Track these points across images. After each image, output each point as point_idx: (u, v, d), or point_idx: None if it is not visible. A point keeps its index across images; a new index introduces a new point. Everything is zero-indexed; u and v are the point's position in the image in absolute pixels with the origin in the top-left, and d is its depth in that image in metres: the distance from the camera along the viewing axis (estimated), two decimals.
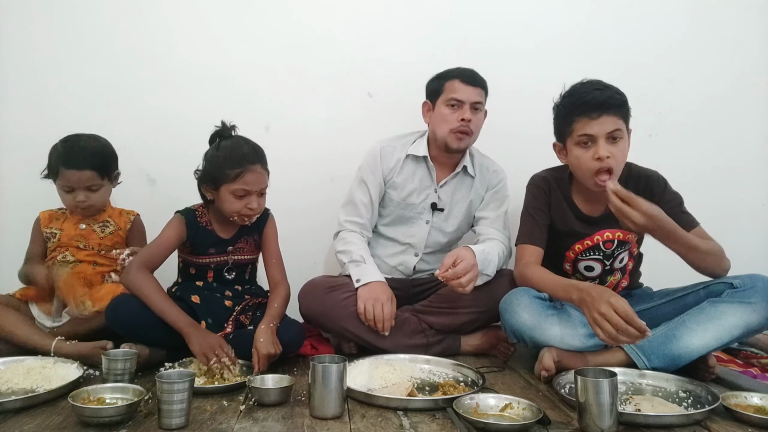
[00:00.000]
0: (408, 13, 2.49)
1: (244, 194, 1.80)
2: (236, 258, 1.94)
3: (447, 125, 2.01)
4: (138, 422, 1.28)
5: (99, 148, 1.98)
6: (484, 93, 2.05)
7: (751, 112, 2.62)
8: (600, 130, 1.67)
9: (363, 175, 2.11)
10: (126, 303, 1.70)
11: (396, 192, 2.11)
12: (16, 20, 2.34)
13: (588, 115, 1.67)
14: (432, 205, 2.11)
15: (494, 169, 2.17)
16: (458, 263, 1.73)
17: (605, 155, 1.66)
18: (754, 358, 1.92)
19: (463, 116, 1.98)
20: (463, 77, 2.02)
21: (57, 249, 1.99)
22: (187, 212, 1.91)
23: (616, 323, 1.43)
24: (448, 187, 2.12)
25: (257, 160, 1.82)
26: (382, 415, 1.36)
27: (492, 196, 2.14)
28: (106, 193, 2.03)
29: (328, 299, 1.90)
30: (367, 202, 2.09)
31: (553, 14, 2.55)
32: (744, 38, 2.60)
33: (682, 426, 1.30)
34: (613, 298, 1.45)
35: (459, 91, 2.00)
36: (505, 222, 2.11)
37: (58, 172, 1.92)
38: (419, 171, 2.11)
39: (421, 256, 2.14)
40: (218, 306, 1.84)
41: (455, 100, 2.00)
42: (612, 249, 1.84)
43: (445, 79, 2.04)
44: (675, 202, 1.78)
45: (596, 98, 1.67)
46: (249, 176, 1.79)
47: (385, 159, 2.10)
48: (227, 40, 2.43)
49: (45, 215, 2.04)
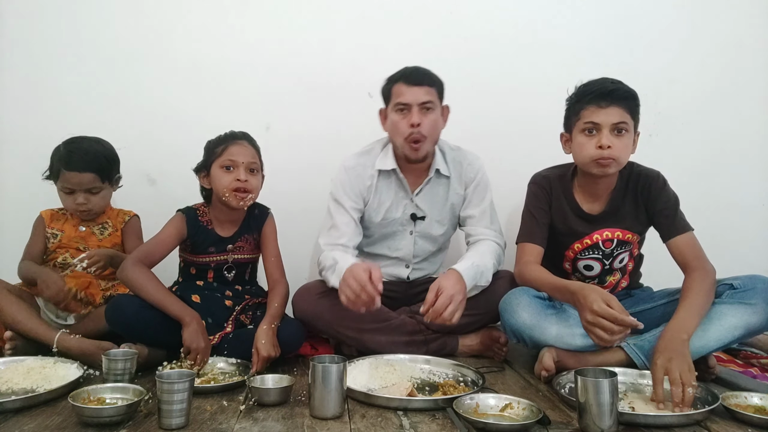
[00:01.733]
0: (408, 13, 2.49)
1: (231, 165, 1.84)
2: (236, 257, 1.95)
3: (399, 134, 1.91)
4: (138, 422, 1.28)
5: (101, 152, 1.97)
6: (435, 90, 1.92)
7: (750, 112, 2.62)
8: (606, 120, 1.69)
9: (338, 197, 2.00)
10: (126, 302, 1.71)
11: (375, 213, 2.02)
12: (15, 20, 2.34)
13: (596, 103, 1.70)
14: (411, 216, 2.04)
15: (469, 162, 2.06)
16: (439, 295, 1.65)
17: (607, 144, 1.68)
18: (754, 358, 1.92)
19: (412, 121, 1.87)
20: (407, 78, 1.90)
21: (57, 250, 1.99)
22: (188, 210, 1.93)
23: (605, 327, 1.43)
24: (424, 193, 2.03)
25: (243, 137, 1.90)
26: (382, 415, 1.36)
27: (473, 192, 2.05)
28: (106, 197, 2.03)
29: (320, 304, 1.86)
30: (349, 221, 1.98)
31: (554, 14, 2.55)
32: (744, 38, 2.60)
33: (682, 426, 1.30)
34: (595, 304, 1.44)
35: (404, 94, 1.89)
36: (492, 213, 2.05)
37: (59, 173, 1.92)
38: (392, 184, 2.03)
39: (412, 267, 2.10)
40: (218, 305, 1.84)
41: (402, 104, 1.89)
42: (611, 248, 1.84)
43: (391, 83, 1.94)
44: (670, 203, 1.78)
45: (607, 88, 1.70)
46: (234, 147, 1.86)
47: (358, 179, 2.00)
48: (227, 41, 2.43)
49: (48, 214, 2.04)
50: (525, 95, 2.49)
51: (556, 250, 1.89)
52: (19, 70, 2.35)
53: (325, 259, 1.91)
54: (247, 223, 1.98)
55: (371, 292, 1.60)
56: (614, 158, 1.69)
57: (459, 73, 2.52)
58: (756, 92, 2.62)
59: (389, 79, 1.96)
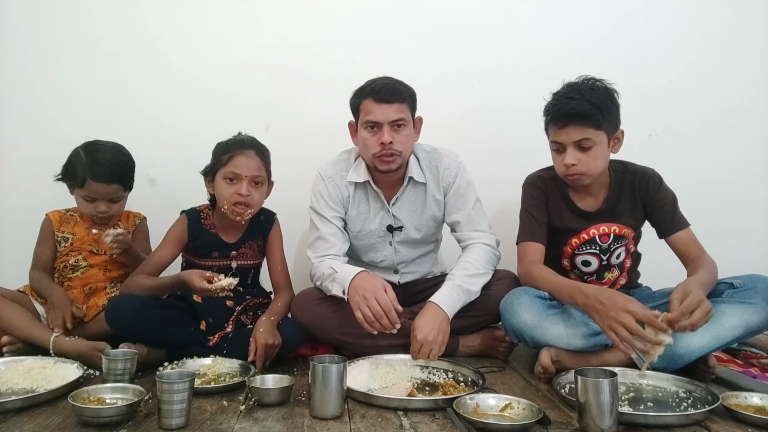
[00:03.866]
0: (408, 12, 2.50)
1: (234, 178, 1.80)
2: (240, 263, 1.94)
3: (369, 150, 1.85)
4: (138, 422, 1.28)
5: (125, 162, 1.96)
6: (406, 106, 1.84)
7: (750, 112, 2.62)
8: (567, 139, 1.73)
9: (319, 209, 1.96)
10: (125, 302, 1.70)
11: (353, 223, 1.99)
12: (16, 20, 2.34)
13: (556, 124, 1.75)
14: (388, 227, 2.00)
15: (446, 166, 1.97)
16: (418, 349, 1.66)
17: (571, 163, 1.73)
18: (754, 358, 1.92)
19: (383, 140, 1.80)
20: (376, 95, 1.80)
21: (69, 253, 1.98)
22: (191, 213, 1.91)
23: (633, 329, 1.41)
24: (401, 202, 1.99)
25: (251, 147, 1.83)
26: (382, 415, 1.36)
27: (454, 198, 1.97)
28: (124, 203, 2.03)
29: (319, 310, 1.85)
30: (335, 231, 1.94)
31: (554, 14, 2.55)
32: (744, 38, 2.61)
33: (682, 426, 1.30)
34: (630, 305, 1.44)
35: (373, 112, 1.81)
36: (478, 214, 1.98)
37: (83, 182, 1.88)
38: (368, 195, 1.98)
39: (401, 272, 2.09)
40: (219, 306, 1.84)
41: (371, 122, 1.82)
42: (608, 243, 1.85)
43: (359, 98, 1.86)
44: (669, 200, 1.81)
45: (562, 108, 1.72)
46: (239, 158, 1.80)
47: (336, 189, 1.96)
48: (227, 40, 2.43)
49: (55, 216, 2.01)
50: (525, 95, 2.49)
51: (554, 248, 1.89)
52: (19, 71, 2.35)
53: (319, 269, 1.88)
54: (251, 230, 1.96)
55: (394, 319, 1.63)
56: (581, 173, 1.74)
57: (459, 73, 2.53)
58: (756, 92, 2.62)
59: (357, 93, 1.88)
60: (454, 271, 1.86)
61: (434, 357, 1.68)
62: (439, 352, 1.69)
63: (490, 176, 2.28)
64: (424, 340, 1.66)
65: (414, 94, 1.90)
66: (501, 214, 2.33)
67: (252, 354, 1.63)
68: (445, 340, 1.71)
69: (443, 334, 1.70)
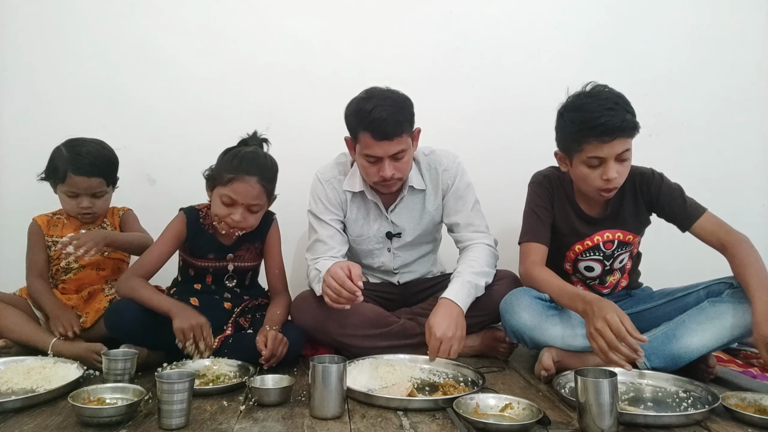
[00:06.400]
0: (408, 12, 2.50)
1: (231, 203, 1.75)
2: (237, 264, 1.93)
3: (369, 178, 1.85)
4: (138, 422, 1.28)
5: (107, 155, 1.95)
6: (406, 135, 1.78)
7: (751, 112, 2.62)
8: (610, 153, 1.63)
9: (318, 212, 1.95)
10: (124, 307, 1.70)
11: (351, 227, 1.99)
12: (16, 21, 2.34)
13: (600, 139, 1.62)
14: (387, 234, 2.00)
15: (444, 167, 1.96)
16: (432, 336, 1.63)
17: (614, 176, 1.65)
18: (754, 358, 1.92)
19: (383, 174, 1.78)
20: (374, 132, 1.73)
21: (60, 256, 1.96)
22: (190, 211, 1.90)
23: (609, 340, 1.41)
24: (400, 209, 1.98)
25: (256, 173, 1.75)
26: (382, 415, 1.36)
27: (453, 200, 1.96)
28: (108, 200, 2.02)
29: (318, 313, 1.83)
30: (333, 233, 1.94)
31: (554, 14, 2.55)
32: (744, 38, 2.61)
33: (682, 426, 1.30)
34: (609, 314, 1.43)
35: (372, 148, 1.75)
36: (477, 214, 1.97)
37: (65, 177, 1.88)
38: (366, 201, 1.97)
39: (400, 273, 2.08)
40: (217, 308, 1.83)
41: (371, 156, 1.78)
42: (612, 249, 1.84)
43: (357, 129, 1.79)
44: (676, 194, 1.77)
45: (610, 123, 1.59)
46: (239, 185, 1.74)
47: (335, 192, 1.95)
48: (227, 40, 2.43)
49: (43, 221, 2.00)
50: (525, 95, 2.50)
51: (558, 250, 1.88)
52: (19, 71, 2.35)
53: (311, 272, 1.89)
54: (250, 231, 1.94)
55: (351, 288, 1.59)
56: (618, 185, 1.69)
57: (459, 72, 2.53)
58: (756, 92, 2.62)
59: (354, 118, 1.79)
60: (460, 269, 1.85)
61: (455, 354, 1.64)
62: (458, 349, 1.65)
63: (489, 176, 2.28)
64: (444, 337, 1.62)
65: (412, 113, 1.82)
66: (500, 215, 2.32)
67: (261, 344, 1.62)
68: (463, 335, 1.68)
69: (461, 329, 1.68)
